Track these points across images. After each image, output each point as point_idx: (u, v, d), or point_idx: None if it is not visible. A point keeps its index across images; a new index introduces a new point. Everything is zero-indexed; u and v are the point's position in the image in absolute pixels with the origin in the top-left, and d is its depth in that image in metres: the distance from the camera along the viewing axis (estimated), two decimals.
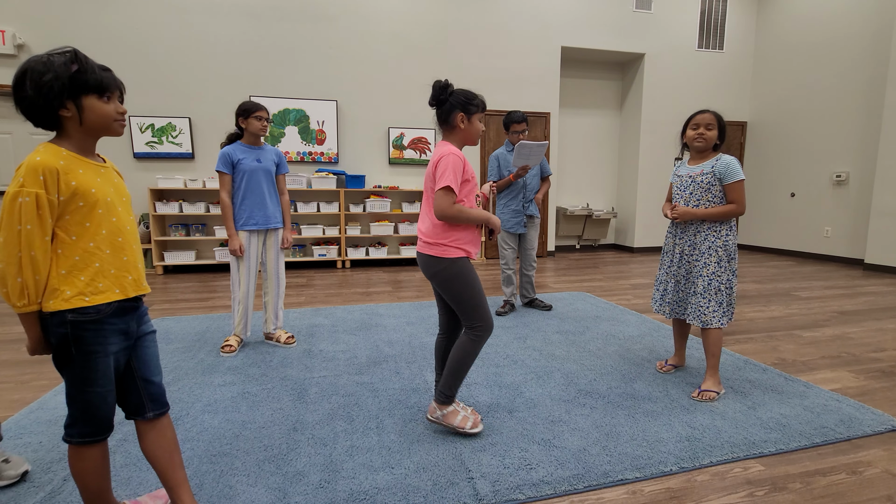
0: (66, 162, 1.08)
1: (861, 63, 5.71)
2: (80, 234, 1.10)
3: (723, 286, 2.10)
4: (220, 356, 2.63)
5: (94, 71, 1.10)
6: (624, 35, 6.56)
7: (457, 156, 1.68)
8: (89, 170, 1.13)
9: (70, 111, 1.08)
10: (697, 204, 2.13)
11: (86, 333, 1.11)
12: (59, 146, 1.09)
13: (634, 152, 7.02)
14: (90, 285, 1.11)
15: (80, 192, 1.08)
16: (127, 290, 1.17)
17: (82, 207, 1.09)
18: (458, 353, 1.76)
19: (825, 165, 6.17)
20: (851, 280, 4.91)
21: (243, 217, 2.63)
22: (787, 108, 6.63)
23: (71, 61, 1.06)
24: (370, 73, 5.80)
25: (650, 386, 2.24)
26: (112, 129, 1.16)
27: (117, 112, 1.15)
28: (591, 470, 1.57)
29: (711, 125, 2.09)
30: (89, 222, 1.11)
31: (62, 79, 1.05)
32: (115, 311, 1.15)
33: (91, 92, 1.09)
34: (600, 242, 7.60)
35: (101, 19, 5.03)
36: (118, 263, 1.16)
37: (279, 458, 1.63)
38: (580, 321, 3.33)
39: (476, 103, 1.74)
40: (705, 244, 2.12)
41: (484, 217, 1.74)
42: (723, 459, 1.64)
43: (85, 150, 1.14)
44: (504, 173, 3.43)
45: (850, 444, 1.75)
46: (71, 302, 1.08)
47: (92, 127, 1.12)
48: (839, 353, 2.73)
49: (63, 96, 1.06)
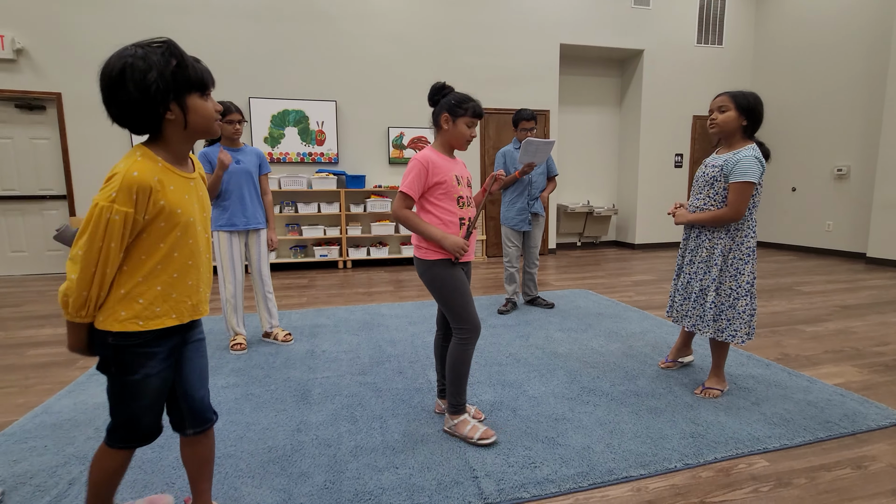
0: (160, 177, 0.97)
1: (861, 56, 5.69)
2: (151, 254, 1.01)
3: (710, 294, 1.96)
4: (224, 358, 2.64)
5: (193, 65, 0.98)
6: (623, 31, 6.54)
7: (422, 161, 1.68)
8: (180, 186, 1.03)
9: (174, 113, 0.96)
10: (698, 198, 2.02)
11: (125, 356, 1.04)
12: (157, 155, 0.99)
13: (634, 149, 7.00)
14: (147, 309, 1.03)
15: (165, 212, 0.99)
16: (183, 315, 1.10)
17: (163, 228, 1.00)
18: (451, 359, 1.77)
19: (826, 159, 6.15)
20: (854, 274, 4.89)
21: (224, 218, 2.62)
22: (788, 102, 6.61)
23: (171, 55, 0.94)
24: (369, 73, 5.79)
25: (654, 383, 2.24)
26: (213, 130, 1.05)
27: (216, 110, 1.05)
28: (596, 468, 1.57)
29: (724, 107, 1.88)
30: (163, 243, 1.02)
31: (166, 77, 0.93)
32: (162, 333, 1.08)
33: (193, 90, 0.98)
34: (601, 239, 7.59)
35: (100, 23, 5.03)
36: (182, 287, 1.07)
37: (284, 460, 1.64)
38: (582, 319, 3.33)
39: (465, 107, 1.70)
40: (702, 248, 2.03)
41: (439, 238, 1.65)
42: (727, 455, 1.64)
43: (181, 158, 1.05)
44: (510, 170, 3.44)
45: (854, 439, 1.75)
46: (124, 325, 1.01)
47: (196, 129, 1.02)
48: (842, 348, 2.72)
49: (168, 98, 0.94)
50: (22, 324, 3.40)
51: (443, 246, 1.67)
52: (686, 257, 2.16)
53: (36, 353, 2.80)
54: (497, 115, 6.31)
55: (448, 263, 1.73)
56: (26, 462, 1.64)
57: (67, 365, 2.59)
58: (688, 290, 2.12)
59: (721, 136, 1.95)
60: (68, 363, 2.62)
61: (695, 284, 2.07)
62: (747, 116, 1.88)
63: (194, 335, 1.19)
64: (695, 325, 2.08)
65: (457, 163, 1.80)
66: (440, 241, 1.67)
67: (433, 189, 1.70)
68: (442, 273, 1.72)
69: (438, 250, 1.71)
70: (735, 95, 1.88)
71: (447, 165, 1.73)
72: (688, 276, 2.13)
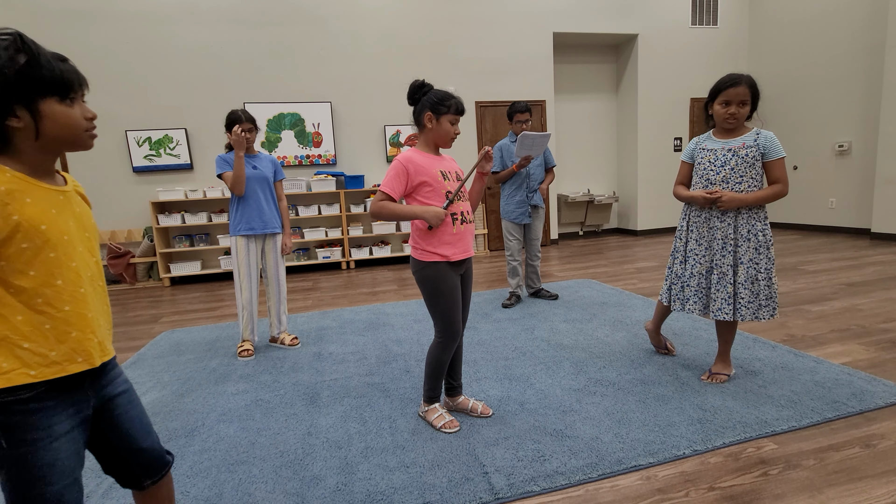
0: (8, 187, 0.78)
1: (859, 31, 5.62)
2: (22, 285, 0.80)
3: (763, 275, 1.93)
4: (233, 364, 2.66)
5: (49, 64, 0.80)
6: (616, 16, 6.48)
7: (402, 161, 1.68)
8: (42, 197, 0.83)
9: (22, 120, 0.79)
10: (740, 181, 1.90)
11: (16, 418, 0.80)
12: (3, 166, 0.80)
13: (633, 135, 6.96)
14: (38, 354, 0.81)
15: (23, 229, 0.79)
16: (93, 357, 0.88)
17: (26, 250, 0.79)
18: (429, 358, 1.84)
19: (827, 136, 6.10)
20: (858, 251, 4.87)
21: (242, 223, 2.67)
22: (786, 81, 6.55)
23: (16, 50, 0.77)
24: (362, 72, 5.77)
25: (660, 370, 2.25)
26: (80, 142, 0.87)
27: (86, 118, 0.87)
28: (605, 458, 1.58)
29: (745, 101, 1.85)
30: (33, 270, 0.80)
31: (7, 77, 0.76)
32: (64, 385, 0.85)
33: (49, 93, 0.80)
34: (603, 227, 7.57)
35: (87, 35, 5.03)
36: (81, 323, 0.86)
37: (296, 464, 1.66)
38: (587, 309, 3.33)
39: (448, 104, 1.68)
40: (745, 228, 1.92)
41: (419, 213, 1.67)
42: (735, 440, 1.64)
43: (40, 171, 0.85)
44: (507, 163, 3.44)
45: (862, 418, 1.75)
46: (8, 378, 0.78)
47: (53, 140, 0.83)
48: (848, 326, 2.72)
49: (11, 101, 0.77)
50: None
51: (424, 218, 1.67)
52: (705, 244, 2.01)
53: None
54: (493, 108, 6.29)
55: (440, 267, 1.72)
56: None
57: None
58: (719, 277, 1.97)
59: (735, 128, 1.93)
60: None
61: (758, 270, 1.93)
62: (754, 105, 1.90)
63: (116, 387, 0.97)
64: (727, 311, 1.96)
65: (443, 159, 1.79)
66: (421, 215, 1.67)
67: (420, 188, 1.71)
68: (434, 276, 1.73)
69: (433, 251, 1.72)
70: (753, 86, 1.86)
71: (430, 163, 1.72)
72: (709, 262, 2.00)
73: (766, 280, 1.93)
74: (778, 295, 1.97)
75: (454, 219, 1.73)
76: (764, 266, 1.93)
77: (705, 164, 1.99)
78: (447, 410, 1.91)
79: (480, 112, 6.25)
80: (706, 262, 2.03)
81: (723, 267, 1.97)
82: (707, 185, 1.98)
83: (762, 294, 1.94)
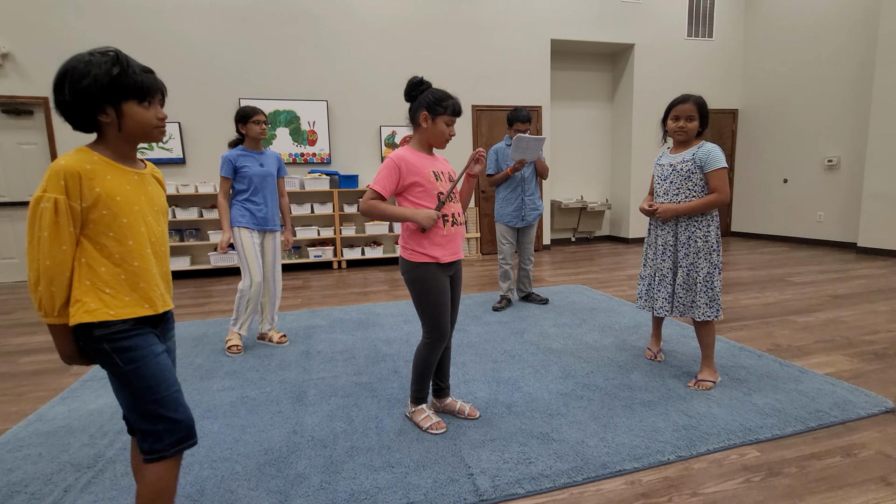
0: (93, 167, 1.01)
1: (849, 48, 5.73)
2: (104, 243, 1.03)
3: (703, 278, 2.06)
4: (220, 360, 2.63)
5: (135, 75, 1.04)
6: (613, 26, 6.55)
7: (394, 160, 1.67)
8: (120, 176, 1.06)
9: (109, 116, 1.03)
10: (678, 193, 2.09)
11: (124, 342, 1.04)
12: (94, 150, 1.04)
13: (627, 143, 7.03)
14: (116, 298, 1.04)
15: (103, 199, 1.01)
16: (156, 305, 1.11)
17: (106, 215, 1.02)
18: (417, 358, 1.83)
19: (816, 150, 6.20)
20: (845, 264, 4.94)
21: (245, 218, 2.67)
22: (778, 95, 6.65)
23: (113, 64, 1.01)
24: (359, 72, 5.77)
25: (647, 376, 2.26)
26: (151, 136, 1.10)
27: (157, 118, 1.09)
28: (590, 462, 1.58)
29: (692, 116, 2.04)
30: (113, 231, 1.04)
31: (101, 83, 0.99)
32: (144, 321, 1.09)
33: (131, 97, 1.03)
34: (595, 234, 7.62)
35: (86, 26, 4.98)
36: (147, 276, 1.09)
37: (279, 461, 1.64)
38: (577, 314, 3.34)
39: (445, 105, 1.66)
40: (685, 235, 2.10)
41: (409, 215, 1.65)
42: (719, 447, 1.65)
43: (122, 156, 1.08)
44: (502, 166, 3.45)
45: (844, 427, 1.77)
46: (94, 314, 1.01)
47: (131, 133, 1.06)
48: (833, 337, 2.75)
49: (102, 101, 1.00)
50: (13, 331, 3.38)
51: (416, 220, 1.65)
52: (669, 250, 2.16)
53: (28, 360, 2.78)
54: (489, 112, 6.31)
55: (430, 268, 1.72)
56: (20, 470, 1.64)
57: (60, 372, 2.58)
58: (690, 281, 2.12)
59: (685, 141, 2.11)
60: (61, 370, 2.61)
61: (698, 273, 2.08)
62: (703, 122, 2.07)
63: (167, 340, 1.18)
64: (666, 309, 2.20)
65: (436, 159, 1.78)
66: (412, 218, 1.65)
67: (411, 188, 1.70)
68: (424, 277, 1.72)
69: (424, 253, 1.71)
70: (700, 104, 2.04)
71: (423, 163, 1.71)
72: (684, 267, 2.12)
73: (705, 283, 2.07)
74: (721, 297, 2.10)
75: (445, 220, 1.72)
76: (705, 270, 2.07)
77: (656, 179, 2.21)
78: (434, 412, 1.90)
79: (476, 115, 6.27)
80: (653, 266, 2.25)
81: (663, 270, 2.19)
82: (656, 197, 2.20)
83: (700, 295, 2.08)
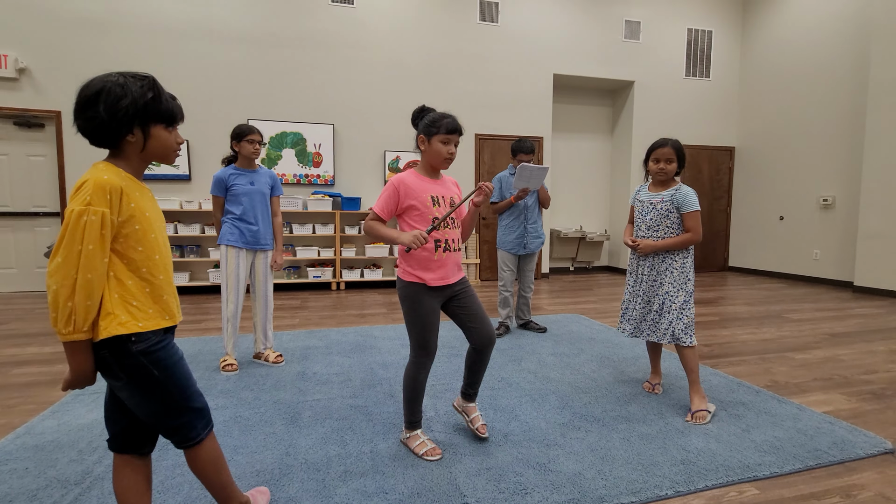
0: (126, 184, 1.05)
1: (843, 89, 5.91)
2: (133, 257, 1.07)
3: (678, 305, 2.21)
4: (214, 378, 2.60)
5: (167, 101, 1.10)
6: (614, 63, 6.77)
7: (394, 183, 1.73)
8: (144, 192, 1.12)
9: (136, 137, 1.07)
10: (657, 229, 2.27)
11: (158, 354, 1.10)
12: (118, 167, 1.07)
13: (626, 175, 7.15)
14: (141, 311, 1.08)
15: (136, 215, 1.06)
16: (175, 316, 1.16)
17: (137, 231, 1.07)
18: (405, 379, 1.83)
19: (812, 189, 6.31)
20: (841, 302, 4.96)
21: (234, 235, 2.66)
22: (773, 133, 6.82)
23: (149, 88, 1.06)
24: (366, 98, 5.91)
25: (645, 409, 2.24)
26: (168, 159, 1.17)
27: (177, 142, 1.16)
28: (587, 494, 1.56)
29: (671, 159, 2.23)
30: (142, 246, 1.08)
31: (138, 105, 1.04)
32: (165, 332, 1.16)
33: (160, 121, 1.09)
34: (594, 264, 7.66)
35: (101, 44, 5.12)
36: (169, 289, 1.15)
37: (271, 484, 1.61)
38: (575, 343, 3.33)
39: (438, 125, 1.69)
40: (663, 265, 2.27)
41: (394, 237, 1.69)
42: (718, 483, 1.63)
43: (138, 173, 1.14)
44: (505, 195, 3.50)
45: (843, 467, 1.76)
46: (126, 326, 1.05)
47: (152, 154, 1.12)
48: (831, 376, 2.75)
49: (135, 122, 1.05)
50: (6, 342, 3.35)
51: (400, 241, 1.64)
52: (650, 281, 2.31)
53: (20, 371, 2.75)
54: (492, 141, 6.44)
55: (417, 288, 1.74)
56: (5, 485, 1.60)
57: (51, 385, 2.55)
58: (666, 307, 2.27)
59: (664, 181, 2.29)
60: (52, 383, 2.57)
61: (673, 301, 2.24)
62: (680, 163, 2.25)
63: None
64: (644, 332, 2.35)
65: (436, 183, 1.80)
66: (396, 239, 1.67)
67: (409, 211, 1.74)
68: (413, 296, 1.75)
69: (412, 273, 1.74)
70: (677, 148, 2.23)
71: (423, 187, 1.74)
72: (646, 290, 2.33)
73: (678, 311, 2.21)
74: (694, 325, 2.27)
75: (437, 245, 1.74)
76: (680, 300, 2.22)
77: (637, 213, 2.37)
78: (429, 439, 1.87)
79: (479, 144, 6.39)
80: (632, 292, 2.41)
81: (642, 296, 2.35)
82: (637, 230, 2.37)
83: (674, 323, 2.21)
